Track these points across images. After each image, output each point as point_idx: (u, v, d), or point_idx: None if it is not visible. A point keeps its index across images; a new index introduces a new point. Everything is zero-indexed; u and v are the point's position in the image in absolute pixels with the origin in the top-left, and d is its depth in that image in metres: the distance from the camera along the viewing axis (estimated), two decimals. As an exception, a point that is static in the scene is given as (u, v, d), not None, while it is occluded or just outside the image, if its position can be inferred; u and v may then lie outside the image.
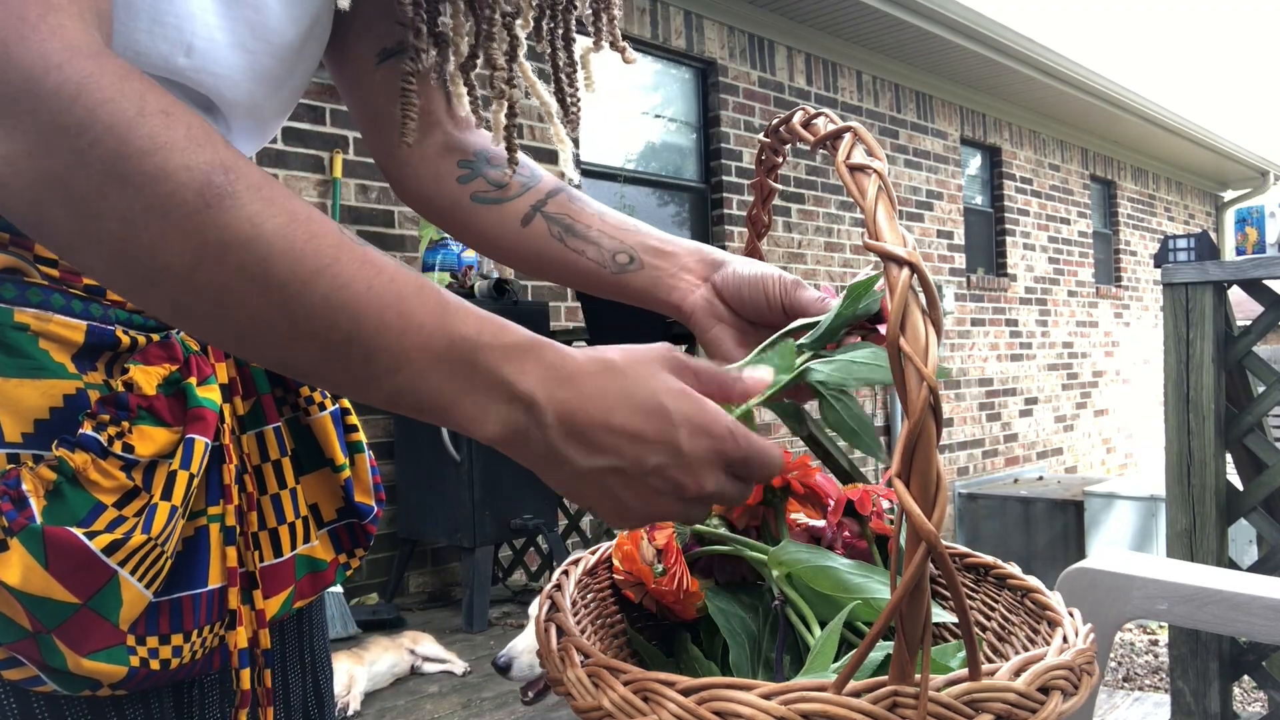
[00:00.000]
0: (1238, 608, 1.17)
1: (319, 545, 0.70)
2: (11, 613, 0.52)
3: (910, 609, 0.41)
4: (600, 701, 0.47)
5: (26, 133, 0.40)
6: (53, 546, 0.52)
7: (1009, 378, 7.87)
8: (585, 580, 0.69)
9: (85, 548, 0.53)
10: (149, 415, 0.57)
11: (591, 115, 4.87)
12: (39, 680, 0.55)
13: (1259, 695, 3.35)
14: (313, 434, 0.71)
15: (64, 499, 0.54)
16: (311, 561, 0.69)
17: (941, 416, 0.41)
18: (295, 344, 0.44)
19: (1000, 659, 0.63)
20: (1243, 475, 2.36)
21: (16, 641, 0.53)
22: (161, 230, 0.41)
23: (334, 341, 0.44)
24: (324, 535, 0.71)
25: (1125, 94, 8.13)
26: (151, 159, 0.41)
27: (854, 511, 0.73)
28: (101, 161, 0.40)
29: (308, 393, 0.70)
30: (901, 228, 0.44)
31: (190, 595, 0.59)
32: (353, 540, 0.73)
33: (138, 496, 0.56)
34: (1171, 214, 10.75)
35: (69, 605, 0.53)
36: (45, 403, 0.55)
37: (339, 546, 0.72)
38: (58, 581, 0.52)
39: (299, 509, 0.68)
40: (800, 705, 0.42)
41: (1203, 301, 2.22)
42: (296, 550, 0.68)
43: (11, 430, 0.54)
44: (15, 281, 0.55)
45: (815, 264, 6.03)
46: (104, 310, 0.58)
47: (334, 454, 0.71)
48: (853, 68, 6.40)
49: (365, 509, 0.73)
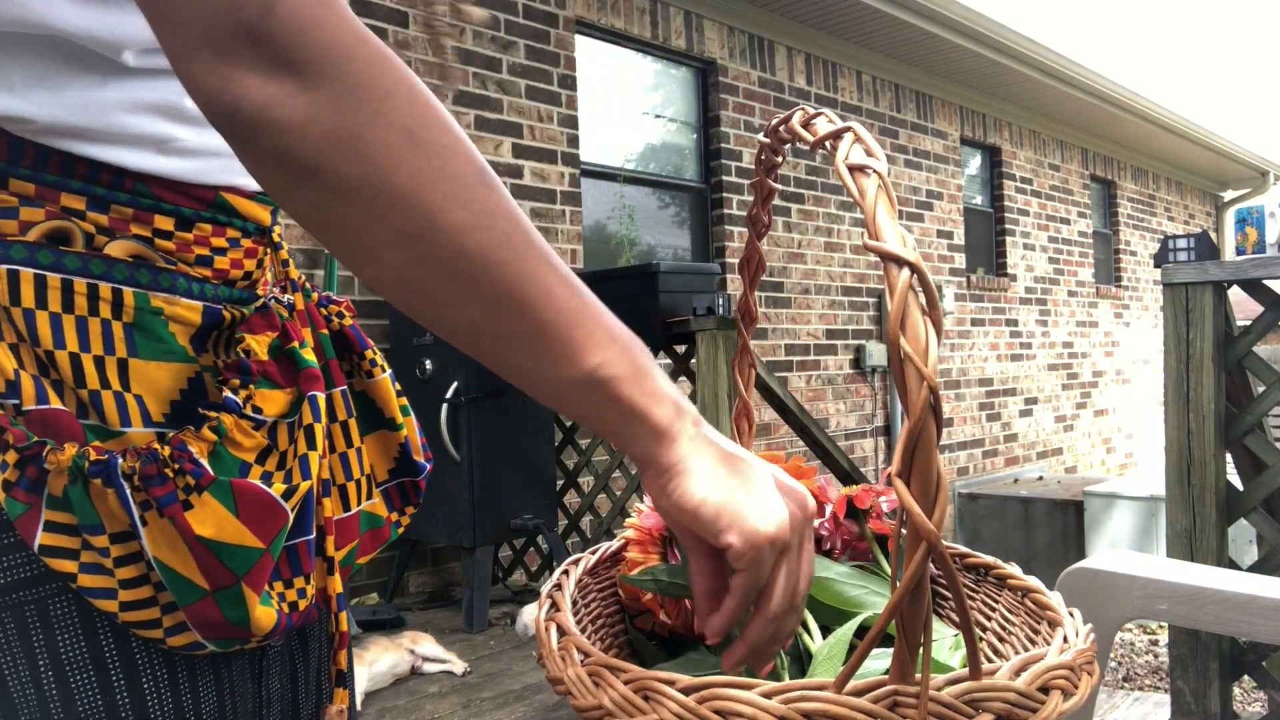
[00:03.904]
0: (1238, 608, 1.17)
1: (378, 503, 0.74)
2: (190, 573, 0.56)
3: (910, 609, 0.41)
4: (600, 700, 0.47)
5: (334, 89, 0.45)
6: (241, 496, 0.57)
7: (1009, 378, 7.87)
8: (585, 580, 0.69)
9: (268, 495, 0.58)
10: (266, 379, 0.62)
11: (592, 115, 4.88)
12: (198, 645, 0.58)
13: (1259, 695, 3.35)
14: (369, 398, 0.75)
15: (222, 460, 0.58)
16: (372, 518, 0.73)
17: (941, 416, 0.41)
18: (525, 316, 0.49)
19: (1000, 659, 0.63)
20: (1243, 475, 2.36)
21: (195, 603, 0.56)
22: (450, 192, 0.47)
23: (559, 323, 0.49)
24: (379, 494, 0.75)
25: (1125, 94, 8.13)
26: (449, 134, 0.48)
27: (854, 512, 0.73)
28: (404, 126, 0.46)
29: (371, 356, 0.74)
30: (901, 228, 0.44)
31: (304, 541, 0.64)
32: (404, 499, 0.77)
33: (271, 454, 0.61)
34: (1171, 214, 10.75)
35: (256, 551, 0.57)
36: (176, 385, 0.60)
37: (391, 505, 0.76)
38: (248, 528, 0.57)
39: (363, 467, 0.72)
40: (801, 704, 0.42)
41: (1203, 301, 2.22)
42: (361, 506, 0.72)
43: (155, 411, 0.58)
44: (149, 266, 0.59)
45: (815, 264, 6.03)
46: (214, 289, 0.63)
47: (394, 413, 0.75)
48: (853, 68, 6.40)
49: (421, 466, 0.77)
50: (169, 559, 0.56)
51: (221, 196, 0.63)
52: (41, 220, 0.57)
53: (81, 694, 0.57)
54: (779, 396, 3.58)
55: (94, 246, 0.58)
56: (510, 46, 4.40)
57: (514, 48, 4.42)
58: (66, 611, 0.57)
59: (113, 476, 0.55)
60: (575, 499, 4.12)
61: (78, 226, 0.57)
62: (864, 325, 6.37)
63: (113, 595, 0.56)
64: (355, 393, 0.74)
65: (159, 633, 0.58)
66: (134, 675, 0.58)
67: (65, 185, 0.57)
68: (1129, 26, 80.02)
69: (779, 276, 5.76)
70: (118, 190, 0.58)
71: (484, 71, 4.30)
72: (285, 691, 0.70)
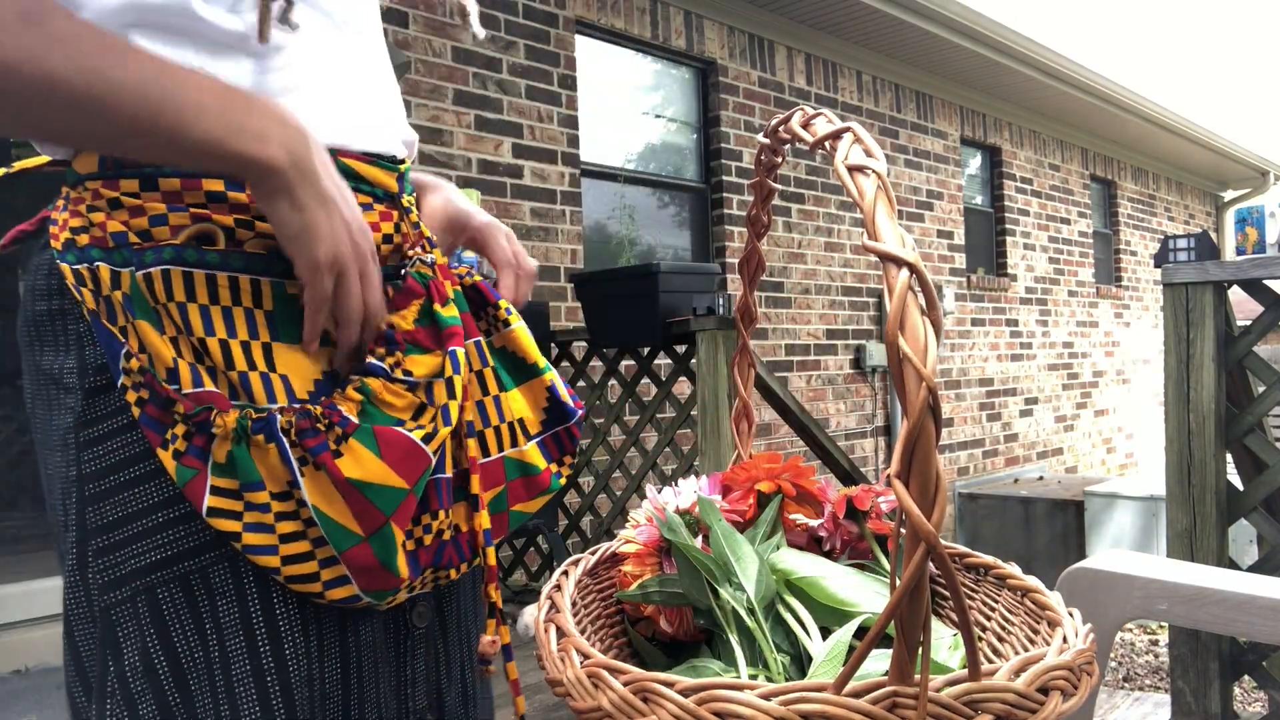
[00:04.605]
0: (1238, 608, 1.17)
1: (530, 451, 0.77)
2: (345, 520, 0.61)
3: (909, 610, 0.41)
4: (599, 702, 0.47)
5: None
6: (383, 439, 0.62)
7: (1009, 378, 7.87)
8: (585, 581, 0.69)
9: (408, 438, 0.63)
10: (414, 346, 0.68)
11: (592, 115, 4.87)
12: (354, 598, 0.63)
13: (1259, 695, 3.35)
14: (508, 352, 0.78)
15: (370, 418, 0.64)
16: (522, 465, 0.76)
17: (940, 417, 0.41)
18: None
19: (1000, 659, 0.63)
20: (1243, 475, 2.36)
21: (352, 548, 0.61)
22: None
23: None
24: (533, 446, 0.77)
25: (1125, 94, 8.12)
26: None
27: (854, 512, 0.73)
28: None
29: (505, 306, 0.78)
30: (900, 228, 0.44)
31: (441, 479, 0.68)
32: (560, 449, 0.79)
33: (426, 411, 0.66)
34: (1171, 214, 10.74)
35: (401, 491, 0.62)
36: (319, 365, 0.66)
37: (549, 456, 0.78)
38: (391, 469, 0.62)
39: (502, 415, 0.76)
40: (800, 705, 0.42)
41: (1203, 301, 2.22)
42: (504, 452, 0.75)
43: (300, 389, 0.64)
44: (282, 255, 0.64)
45: (815, 264, 6.03)
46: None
47: (535, 359, 0.78)
48: (853, 68, 6.40)
49: (571, 410, 0.80)
50: (326, 508, 0.61)
51: (340, 161, 0.68)
52: (188, 225, 0.63)
53: (236, 659, 0.62)
54: (779, 396, 3.57)
55: (235, 241, 0.64)
56: (510, 46, 4.40)
57: (514, 48, 4.42)
58: (224, 579, 0.63)
59: (273, 432, 0.60)
60: (575, 499, 4.12)
61: (218, 226, 0.63)
62: (864, 325, 6.37)
63: (274, 551, 0.61)
64: (495, 349, 0.78)
65: (318, 586, 0.62)
66: (278, 642, 0.63)
67: (205, 173, 0.63)
68: (1129, 26, 79.99)
69: (779, 276, 5.76)
70: None
71: (484, 71, 4.30)
72: (429, 673, 0.75)
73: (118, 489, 0.63)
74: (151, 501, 0.63)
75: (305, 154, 0.61)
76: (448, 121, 4.14)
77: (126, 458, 0.63)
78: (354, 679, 0.67)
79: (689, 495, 0.74)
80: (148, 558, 0.62)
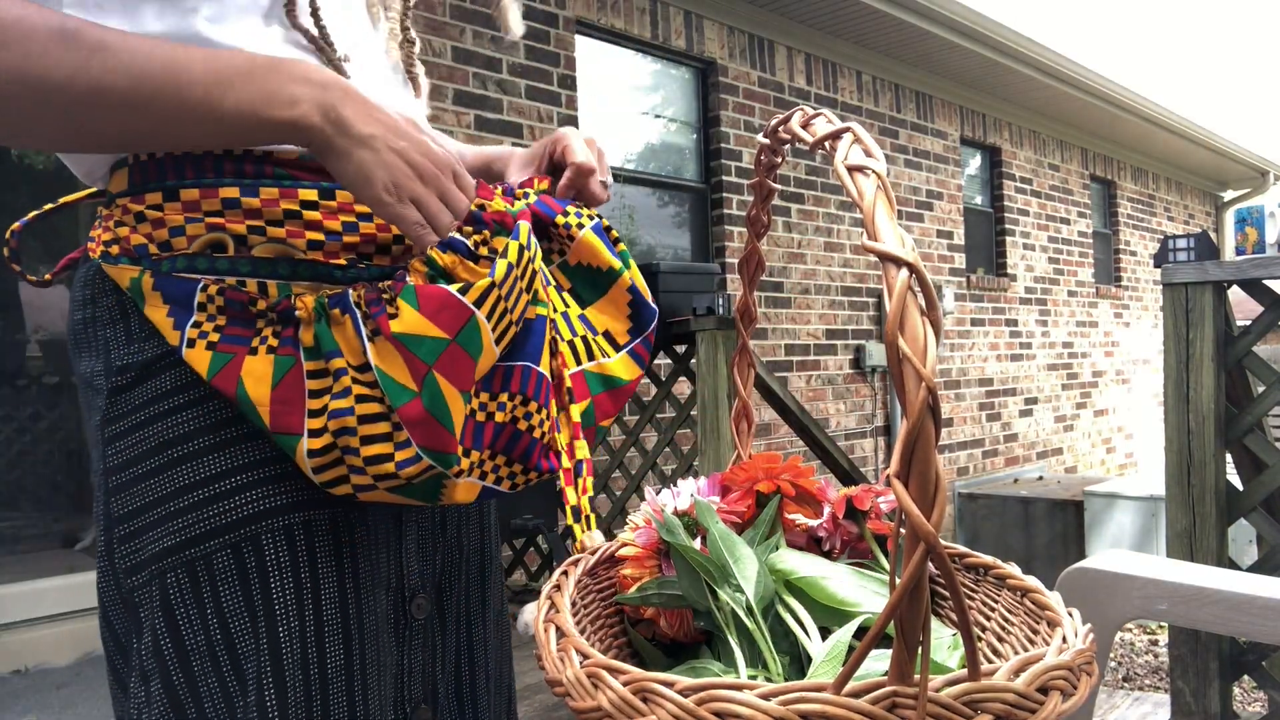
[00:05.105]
0: (1238, 608, 1.17)
1: (618, 364, 0.79)
2: (401, 376, 0.63)
3: (909, 610, 0.41)
4: (599, 702, 0.47)
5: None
6: (422, 295, 0.64)
7: (1009, 378, 7.87)
8: (585, 581, 0.69)
9: (445, 291, 0.65)
10: (501, 228, 0.69)
11: (592, 115, 4.87)
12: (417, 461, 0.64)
13: (1259, 695, 3.35)
14: (583, 264, 0.80)
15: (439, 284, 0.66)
16: (606, 379, 0.78)
17: (940, 417, 0.41)
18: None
19: (999, 659, 0.63)
20: (1243, 475, 2.36)
21: (406, 403, 0.63)
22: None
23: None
24: (624, 357, 0.80)
25: (1125, 94, 8.12)
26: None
27: (854, 512, 0.73)
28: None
29: (564, 220, 0.79)
30: (900, 228, 0.44)
31: (521, 365, 0.69)
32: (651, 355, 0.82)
33: (492, 292, 0.67)
34: (1171, 214, 10.74)
35: (441, 340, 0.64)
36: None
37: (642, 363, 0.81)
38: (429, 320, 0.63)
39: (574, 329, 0.78)
40: (799, 705, 0.42)
41: (1203, 301, 2.22)
42: (582, 366, 0.77)
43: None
44: (288, 260, 0.68)
45: (815, 264, 6.03)
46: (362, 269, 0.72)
47: (610, 262, 0.80)
48: (853, 68, 6.40)
49: (651, 311, 0.82)
50: (386, 367, 0.63)
51: None
52: (203, 234, 0.67)
53: (240, 639, 0.66)
54: (779, 396, 3.57)
55: (246, 246, 0.67)
56: (510, 46, 4.40)
57: (514, 48, 4.42)
58: (226, 564, 0.66)
59: (347, 304, 0.64)
60: (575, 499, 4.12)
61: (230, 234, 0.67)
62: (864, 325, 6.37)
63: (349, 413, 0.63)
64: (569, 267, 0.80)
65: (391, 466, 0.64)
66: (277, 624, 0.66)
67: (220, 182, 0.67)
68: (1129, 26, 79.96)
69: (779, 276, 5.76)
70: (261, 176, 0.68)
71: (484, 71, 4.30)
72: (426, 664, 0.77)
73: (136, 480, 0.67)
74: (164, 492, 0.67)
75: (335, 105, 0.64)
76: (448, 121, 4.14)
77: (143, 451, 0.67)
78: (356, 663, 0.69)
79: (687, 497, 0.74)
80: (160, 544, 0.67)
